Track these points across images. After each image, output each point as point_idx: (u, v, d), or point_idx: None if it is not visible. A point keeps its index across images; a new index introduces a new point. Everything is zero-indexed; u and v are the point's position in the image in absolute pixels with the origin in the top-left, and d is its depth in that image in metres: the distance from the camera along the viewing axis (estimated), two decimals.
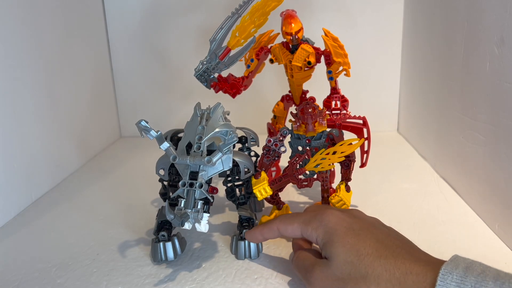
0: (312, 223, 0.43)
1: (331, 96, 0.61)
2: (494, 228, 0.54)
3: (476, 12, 0.59)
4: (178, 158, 0.44)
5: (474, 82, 0.60)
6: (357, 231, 0.40)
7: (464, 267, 0.33)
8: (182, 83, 1.01)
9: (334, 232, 0.41)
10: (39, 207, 0.66)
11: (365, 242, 0.39)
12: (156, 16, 0.97)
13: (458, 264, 0.33)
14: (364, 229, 0.41)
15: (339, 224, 0.41)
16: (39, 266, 0.50)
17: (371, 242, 0.39)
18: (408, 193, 0.67)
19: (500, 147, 0.53)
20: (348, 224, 0.41)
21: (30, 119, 0.68)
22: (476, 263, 0.33)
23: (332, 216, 0.42)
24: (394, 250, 0.38)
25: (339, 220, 0.42)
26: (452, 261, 0.34)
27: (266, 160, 0.54)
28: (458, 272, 0.32)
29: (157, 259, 0.49)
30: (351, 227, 0.41)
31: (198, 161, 0.44)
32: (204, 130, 0.46)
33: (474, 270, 0.32)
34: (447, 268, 0.33)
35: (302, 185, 0.52)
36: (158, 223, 0.51)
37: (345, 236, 0.40)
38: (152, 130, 0.43)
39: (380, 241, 0.39)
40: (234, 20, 0.57)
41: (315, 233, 0.42)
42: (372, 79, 0.98)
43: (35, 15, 0.70)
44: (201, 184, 0.43)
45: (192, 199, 0.43)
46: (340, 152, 0.49)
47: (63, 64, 0.79)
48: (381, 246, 0.38)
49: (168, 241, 0.49)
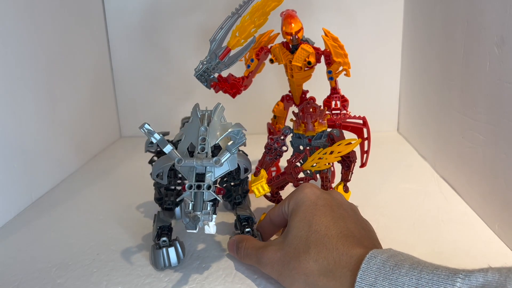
0: (289, 198, 0.45)
1: (331, 96, 0.61)
2: (494, 228, 0.54)
3: (476, 12, 0.59)
4: (183, 161, 0.43)
5: (474, 82, 0.60)
6: (319, 206, 0.41)
7: (390, 255, 0.34)
8: (182, 83, 1.01)
9: (300, 204, 0.42)
10: (39, 207, 0.66)
11: (320, 218, 0.40)
12: (156, 16, 0.97)
13: (387, 251, 0.34)
14: (327, 205, 0.41)
15: (307, 197, 0.43)
16: (39, 266, 0.50)
17: (327, 219, 0.40)
18: (408, 193, 0.67)
19: (500, 147, 0.53)
20: (315, 198, 0.42)
21: (30, 119, 0.68)
22: (405, 255, 0.34)
23: (306, 188, 0.44)
24: (343, 232, 0.38)
25: (309, 193, 0.43)
26: (385, 249, 0.35)
27: (268, 159, 0.54)
28: (382, 256, 0.34)
29: (160, 266, 0.47)
30: (315, 203, 0.42)
31: (206, 163, 0.43)
32: (207, 131, 0.45)
33: (397, 256, 0.34)
34: (374, 253, 0.34)
35: (298, 183, 0.52)
36: (157, 229, 0.50)
37: (307, 209, 0.41)
38: (155, 133, 0.42)
39: (335, 221, 0.40)
40: (234, 20, 0.57)
41: (287, 206, 0.44)
42: (372, 79, 0.98)
43: (35, 15, 0.70)
44: (209, 186, 0.42)
45: (200, 201, 0.42)
46: (337, 152, 0.49)
47: (63, 64, 0.79)
48: (333, 225, 0.39)
49: (170, 246, 0.48)
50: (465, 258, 0.49)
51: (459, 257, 0.49)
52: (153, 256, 0.48)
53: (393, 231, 0.55)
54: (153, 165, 0.49)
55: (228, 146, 0.44)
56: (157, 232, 0.49)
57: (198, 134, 0.45)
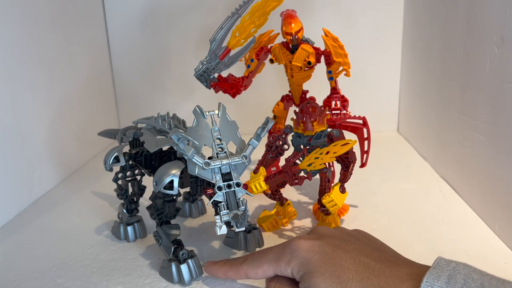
0: (282, 258, 0.39)
1: (331, 96, 0.61)
2: (494, 228, 0.54)
3: (476, 12, 0.59)
4: (211, 163, 0.43)
5: (474, 82, 0.60)
6: (331, 254, 0.38)
7: (447, 276, 0.31)
8: (182, 83, 1.01)
9: (309, 262, 0.38)
10: (39, 207, 0.66)
11: (343, 266, 0.37)
12: (156, 16, 0.97)
13: (440, 274, 0.32)
14: (337, 249, 0.38)
15: (310, 251, 0.39)
16: (39, 266, 0.50)
17: (349, 264, 0.37)
18: (408, 193, 0.67)
19: (500, 147, 0.53)
20: (320, 248, 0.39)
21: (30, 119, 0.68)
22: (459, 268, 0.32)
23: (300, 244, 0.39)
24: (373, 267, 0.36)
25: (309, 247, 0.39)
26: (435, 268, 0.33)
27: (269, 157, 0.54)
28: (440, 284, 0.31)
29: (187, 281, 0.45)
30: (324, 252, 0.38)
31: (234, 161, 0.43)
32: (219, 131, 0.45)
33: (457, 281, 0.31)
34: (429, 280, 0.32)
35: (293, 182, 0.52)
36: (172, 244, 0.47)
37: (322, 264, 0.37)
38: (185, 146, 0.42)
39: (358, 260, 0.37)
40: (234, 20, 0.57)
41: (289, 267, 0.39)
42: (372, 79, 0.98)
43: (35, 15, 0.70)
44: (238, 183, 0.43)
45: (234, 200, 0.43)
46: (333, 153, 0.49)
47: (63, 64, 0.79)
48: (360, 266, 0.36)
49: (191, 257, 0.46)
50: (465, 258, 0.49)
51: (459, 257, 0.48)
52: (176, 274, 0.46)
53: (393, 231, 0.55)
54: (158, 175, 0.45)
55: (252, 141, 0.44)
56: (173, 248, 0.47)
57: (212, 136, 0.45)
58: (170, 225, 0.48)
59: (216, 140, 0.44)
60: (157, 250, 0.52)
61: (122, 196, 0.55)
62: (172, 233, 0.47)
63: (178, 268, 0.45)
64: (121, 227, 0.55)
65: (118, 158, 0.53)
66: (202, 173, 0.43)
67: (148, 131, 0.52)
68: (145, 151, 0.53)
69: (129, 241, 0.55)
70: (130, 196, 0.56)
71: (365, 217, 0.59)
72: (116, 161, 0.53)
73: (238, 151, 0.45)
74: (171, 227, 0.48)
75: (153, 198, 0.48)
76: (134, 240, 0.55)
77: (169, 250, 0.47)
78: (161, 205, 0.48)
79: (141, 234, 0.56)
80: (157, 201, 0.48)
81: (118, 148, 0.54)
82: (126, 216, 0.55)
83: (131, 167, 0.55)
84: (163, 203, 0.48)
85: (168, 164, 0.46)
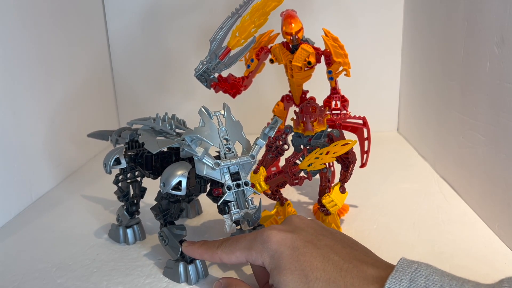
0: (254, 247, 0.40)
1: (331, 96, 0.61)
2: (494, 228, 0.54)
3: (476, 12, 0.59)
4: (221, 163, 0.43)
5: (474, 82, 0.60)
6: (301, 249, 0.38)
7: (408, 279, 0.32)
8: (182, 83, 1.01)
9: (280, 256, 0.38)
10: (39, 207, 0.66)
11: (312, 264, 0.36)
12: (156, 16, 0.97)
13: (402, 277, 0.32)
14: (308, 245, 0.38)
15: (282, 244, 0.39)
16: (39, 266, 0.50)
17: (318, 262, 0.37)
18: (408, 193, 0.67)
19: (500, 147, 0.53)
20: (292, 243, 0.38)
21: (30, 119, 0.68)
22: (421, 269, 0.32)
23: (273, 235, 0.39)
24: (341, 266, 0.36)
25: (281, 239, 0.39)
26: (397, 271, 0.33)
27: (269, 157, 0.54)
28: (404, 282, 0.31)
29: (193, 280, 0.46)
30: (295, 247, 0.38)
31: (242, 160, 0.44)
32: (226, 131, 0.45)
33: (418, 284, 0.31)
34: (391, 284, 0.32)
35: (293, 182, 0.52)
36: (179, 244, 0.46)
37: (292, 260, 0.37)
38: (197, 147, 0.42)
39: (327, 258, 0.37)
40: (234, 20, 0.57)
41: (260, 257, 0.39)
42: (372, 79, 0.98)
43: (35, 15, 0.70)
44: (247, 182, 0.44)
45: (243, 199, 0.44)
46: (333, 153, 0.49)
47: (63, 64, 0.79)
48: (329, 264, 0.36)
49: None
50: (465, 258, 0.49)
51: (459, 257, 0.49)
52: (181, 272, 0.46)
53: (393, 231, 0.55)
54: (165, 177, 0.45)
55: (259, 140, 0.45)
56: (180, 248, 0.46)
57: (219, 136, 0.45)
58: (176, 226, 0.48)
59: (223, 140, 0.45)
60: (157, 251, 0.52)
61: (123, 198, 0.55)
62: (179, 234, 0.47)
63: (186, 268, 0.45)
64: (120, 230, 0.54)
65: (119, 160, 0.52)
66: (211, 173, 0.43)
67: (146, 132, 0.51)
68: (145, 153, 0.53)
69: (128, 243, 0.54)
70: (131, 198, 0.55)
71: (365, 217, 0.59)
72: (117, 163, 0.52)
73: (244, 151, 0.45)
74: (177, 228, 0.47)
75: (159, 199, 0.48)
76: (133, 243, 0.54)
77: (176, 250, 0.46)
78: (166, 205, 0.48)
79: (140, 237, 0.55)
80: (163, 202, 0.48)
81: (119, 150, 0.53)
82: (126, 219, 0.54)
83: (131, 168, 0.55)
84: (168, 203, 0.48)
85: (175, 165, 0.46)
